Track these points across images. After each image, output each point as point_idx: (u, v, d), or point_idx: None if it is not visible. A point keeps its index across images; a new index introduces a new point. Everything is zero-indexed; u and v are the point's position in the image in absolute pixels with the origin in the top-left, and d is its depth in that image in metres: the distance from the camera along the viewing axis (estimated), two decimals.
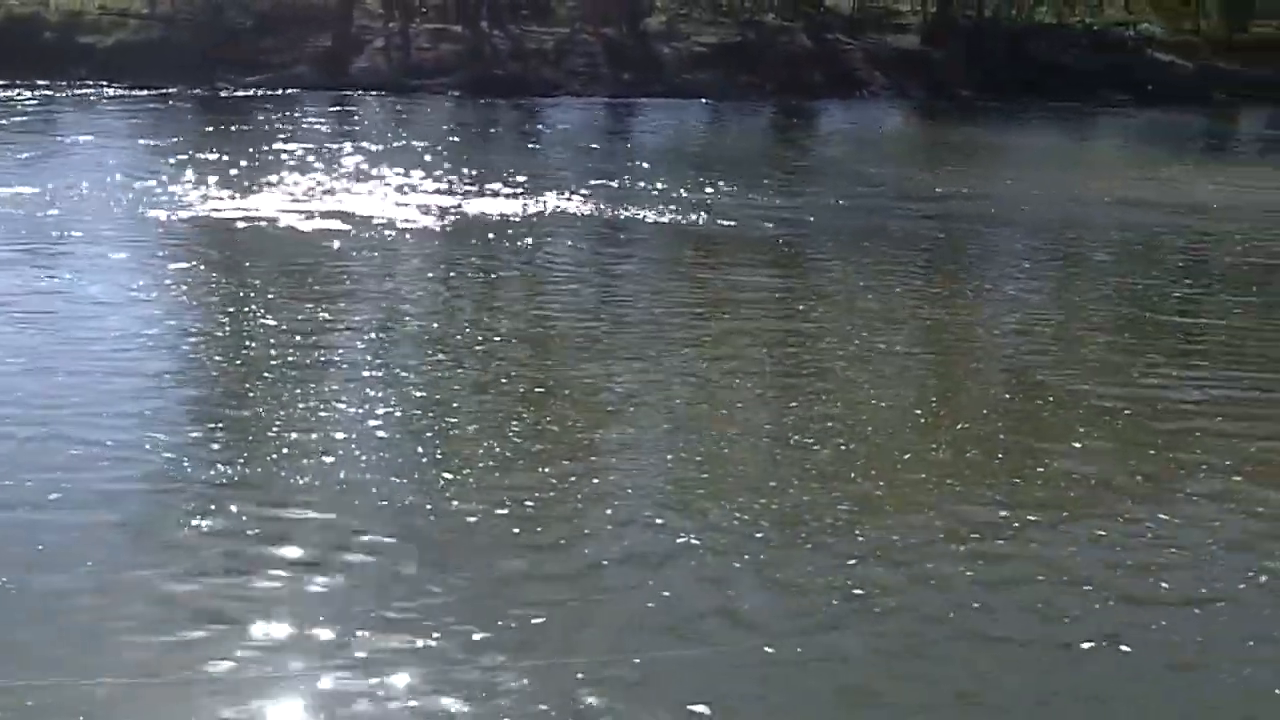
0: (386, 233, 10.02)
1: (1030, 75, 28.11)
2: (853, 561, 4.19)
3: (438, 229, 10.35)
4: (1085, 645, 3.69)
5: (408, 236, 10.01)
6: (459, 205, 11.35)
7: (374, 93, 24.71)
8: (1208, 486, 4.93)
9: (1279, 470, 5.11)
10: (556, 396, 5.92)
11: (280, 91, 24.20)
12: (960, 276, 9.07)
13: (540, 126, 20.98)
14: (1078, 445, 5.36)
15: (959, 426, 5.58)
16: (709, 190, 12.77)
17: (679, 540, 4.34)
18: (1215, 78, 30.19)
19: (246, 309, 7.37)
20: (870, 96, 26.79)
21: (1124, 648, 3.68)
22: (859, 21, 31.80)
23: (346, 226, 10.12)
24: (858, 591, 3.98)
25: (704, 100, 25.15)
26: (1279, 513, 4.69)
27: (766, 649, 3.62)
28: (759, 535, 4.39)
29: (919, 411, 5.86)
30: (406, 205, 11.22)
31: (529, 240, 9.93)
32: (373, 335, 6.99)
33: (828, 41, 29.32)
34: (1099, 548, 4.37)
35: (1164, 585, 4.09)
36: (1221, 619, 3.88)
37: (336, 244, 9.46)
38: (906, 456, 5.22)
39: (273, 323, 7.09)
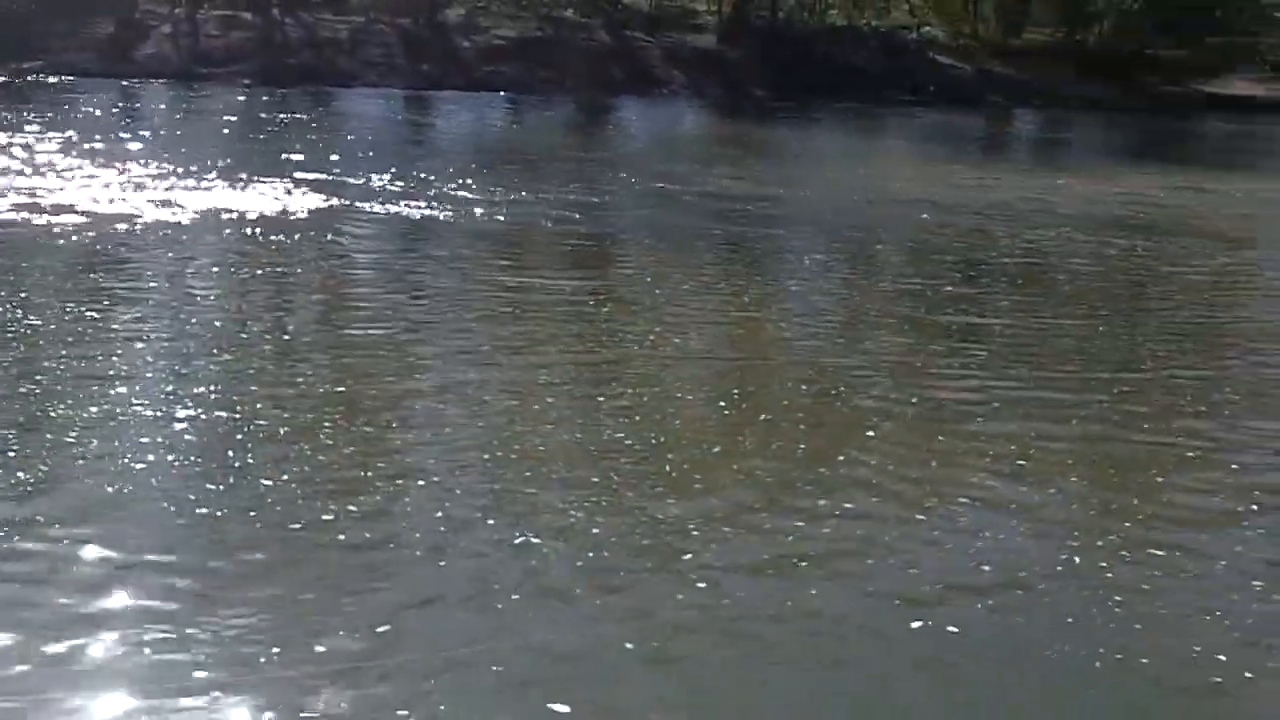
0: (166, 232, 9.58)
1: (821, 76, 28.92)
2: (670, 535, 4.27)
3: (226, 227, 9.98)
4: (846, 633, 3.84)
5: (192, 235, 9.60)
6: (249, 201, 11.01)
7: (160, 81, 23.84)
8: (980, 480, 5.16)
9: (1048, 469, 5.36)
10: (358, 401, 5.83)
11: (58, 79, 23.14)
12: (755, 275, 9.25)
13: (335, 118, 20.57)
14: (861, 442, 5.55)
15: (754, 427, 5.72)
16: (508, 187, 12.74)
17: (498, 538, 4.34)
18: (992, 81, 31.60)
19: (14, 314, 7.03)
20: (668, 94, 27.15)
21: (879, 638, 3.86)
22: (657, 19, 32.18)
23: (121, 225, 9.61)
24: (668, 561, 4.09)
25: (503, 94, 25.09)
26: (1041, 513, 4.92)
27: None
28: (574, 526, 4.43)
29: (722, 411, 5.97)
30: (191, 201, 10.78)
31: (324, 238, 9.73)
32: (156, 340, 6.71)
33: (627, 39, 29.60)
34: (862, 541, 4.53)
35: (915, 578, 4.26)
36: (973, 616, 4.05)
37: (110, 244, 9.03)
38: (715, 450, 5.35)
39: (44, 327, 6.78)
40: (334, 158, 14.36)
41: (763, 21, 32.39)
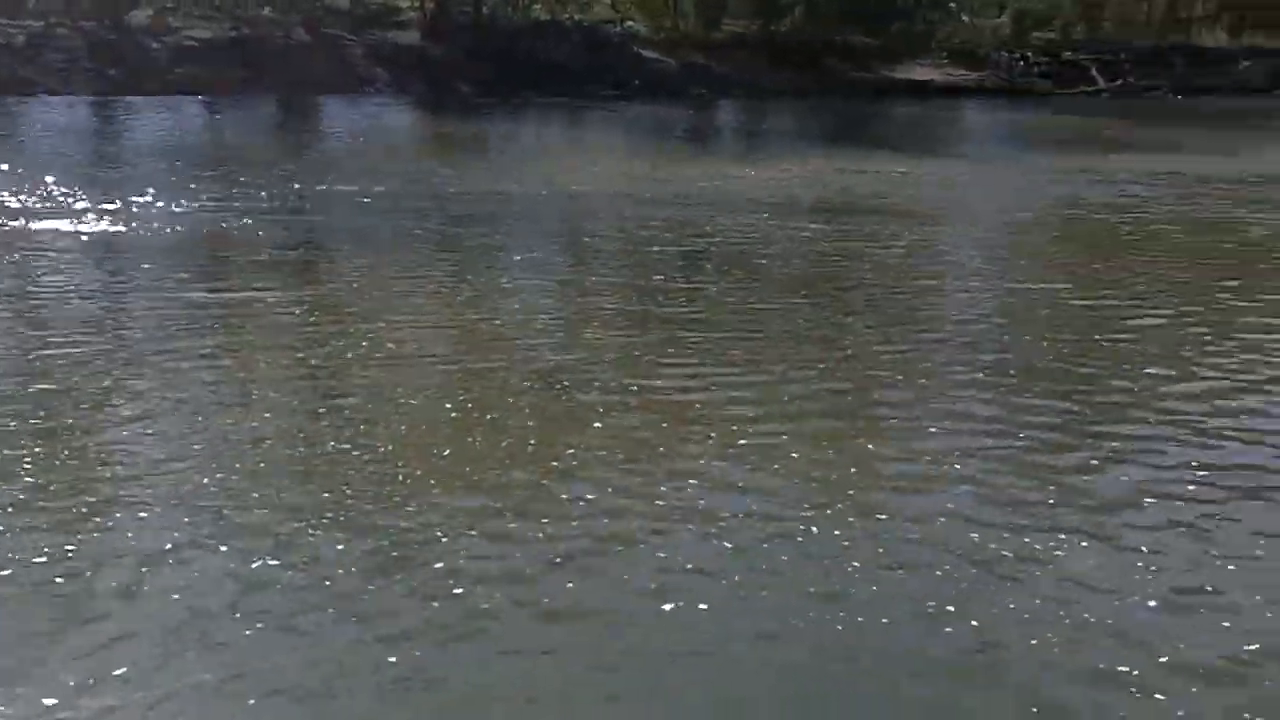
0: None
1: (526, 72, 29.05)
2: (413, 546, 4.25)
3: None
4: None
5: None
6: None
7: None
8: (708, 464, 5.37)
9: (769, 448, 5.59)
10: (55, 433, 5.55)
11: None
12: (469, 275, 9.23)
13: (11, 130, 19.38)
14: (590, 436, 5.66)
15: (481, 428, 5.76)
16: (205, 194, 12.32)
17: (228, 565, 4.22)
18: (694, 74, 32.46)
19: None
20: (373, 93, 26.72)
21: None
22: (359, 17, 31.57)
23: None
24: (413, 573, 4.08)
25: (199, 97, 24.16)
26: (770, 490, 5.15)
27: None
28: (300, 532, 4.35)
29: (448, 414, 5.97)
30: None
31: (11, 258, 9.19)
32: None
33: (327, 37, 28.93)
34: (606, 536, 4.64)
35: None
36: (722, 597, 4.23)
37: None
38: (445, 453, 5.35)
39: None
40: (23, 170, 13.51)
41: (466, 17, 32.26)
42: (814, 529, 4.68)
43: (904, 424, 5.97)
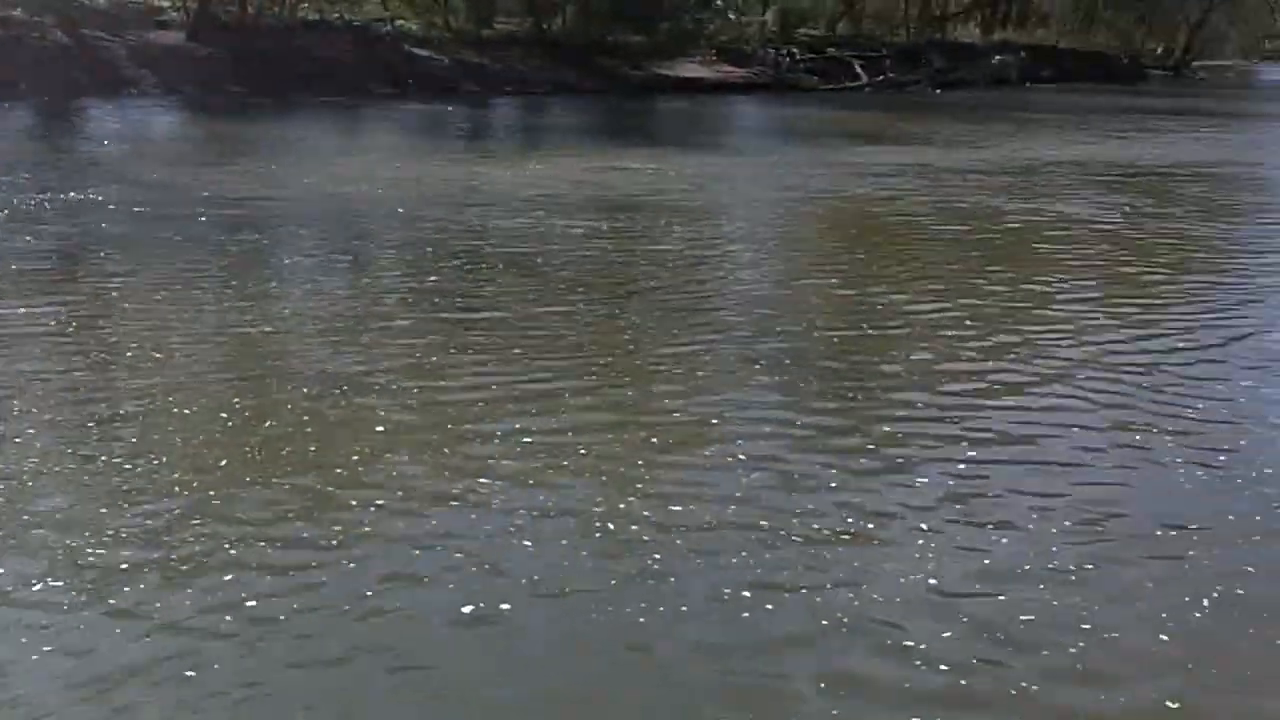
0: None
1: (298, 71, 28.45)
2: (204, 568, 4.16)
3: None
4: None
5: None
6: None
7: None
8: (505, 472, 5.42)
9: (563, 454, 5.67)
10: None
11: None
12: (243, 284, 8.94)
13: None
14: (375, 446, 5.64)
15: (263, 440, 5.68)
16: None
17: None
18: (467, 71, 32.34)
19: None
20: (138, 94, 25.72)
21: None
22: (119, 17, 30.30)
23: None
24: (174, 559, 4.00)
25: None
26: (569, 498, 5.24)
27: None
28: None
29: (226, 426, 5.85)
30: None
31: None
32: None
33: (86, 37, 27.69)
34: (411, 547, 4.66)
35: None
36: (526, 606, 4.29)
37: None
38: (224, 462, 5.27)
39: None
40: None
41: (232, 16, 31.35)
42: (608, 523, 4.77)
43: (686, 416, 6.12)
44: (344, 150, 18.99)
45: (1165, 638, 4.04)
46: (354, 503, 4.93)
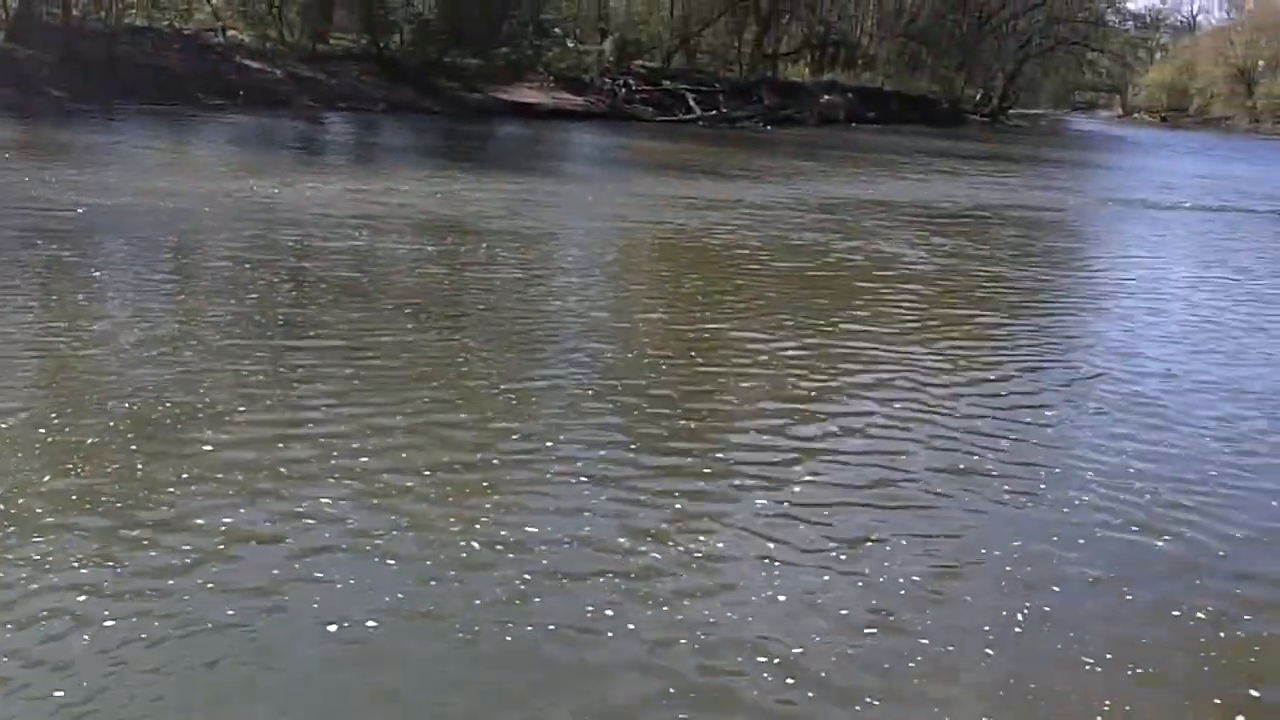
0: None
1: (125, 78, 27.67)
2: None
3: None
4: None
5: None
6: None
7: None
8: (333, 500, 5.39)
9: (395, 485, 5.66)
10: None
11: None
12: (57, 295, 8.61)
13: None
14: (202, 468, 5.55)
15: (84, 454, 5.52)
16: None
17: None
18: (301, 85, 31.91)
19: None
20: None
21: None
22: None
23: None
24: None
25: None
26: (396, 528, 5.23)
27: None
28: None
29: (44, 442, 5.67)
30: None
31: None
32: None
33: None
34: (261, 574, 4.60)
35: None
36: (397, 626, 4.29)
37: None
38: (47, 478, 5.11)
39: None
40: None
41: (54, 18, 30.29)
42: (441, 555, 4.78)
43: (517, 443, 6.15)
44: (166, 161, 18.51)
45: (990, 655, 4.25)
46: (182, 528, 4.81)
